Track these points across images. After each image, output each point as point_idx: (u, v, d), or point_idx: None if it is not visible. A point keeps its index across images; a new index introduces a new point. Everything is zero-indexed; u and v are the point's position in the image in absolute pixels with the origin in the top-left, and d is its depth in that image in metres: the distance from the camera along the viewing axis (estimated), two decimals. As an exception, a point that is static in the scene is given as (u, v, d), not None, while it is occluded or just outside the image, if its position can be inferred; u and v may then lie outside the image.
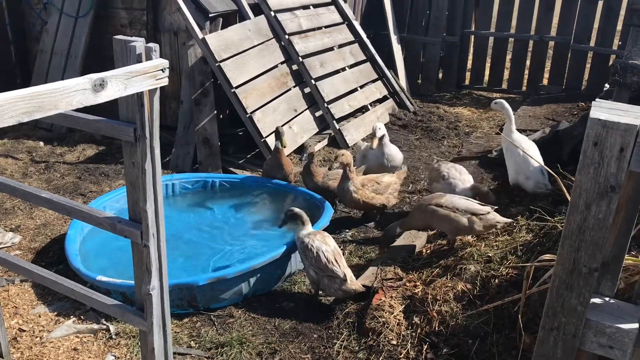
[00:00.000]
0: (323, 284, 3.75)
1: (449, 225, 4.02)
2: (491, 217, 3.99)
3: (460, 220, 3.96)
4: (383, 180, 4.93)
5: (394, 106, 8.03)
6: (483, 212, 3.99)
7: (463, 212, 3.97)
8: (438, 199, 4.12)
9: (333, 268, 3.67)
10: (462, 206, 4.01)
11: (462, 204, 4.03)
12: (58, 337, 3.55)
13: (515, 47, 9.14)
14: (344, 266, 3.76)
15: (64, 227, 4.85)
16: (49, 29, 7.23)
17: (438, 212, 4.02)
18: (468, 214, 3.97)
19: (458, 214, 3.97)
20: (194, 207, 5.16)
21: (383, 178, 4.96)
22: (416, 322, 3.46)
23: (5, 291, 3.98)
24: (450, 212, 3.98)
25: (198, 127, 6.06)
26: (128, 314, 2.36)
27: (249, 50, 6.35)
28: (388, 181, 4.95)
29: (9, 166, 6.10)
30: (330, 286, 3.71)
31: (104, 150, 6.62)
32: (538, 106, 8.19)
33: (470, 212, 3.97)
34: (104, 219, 2.25)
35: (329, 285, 3.71)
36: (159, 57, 1.98)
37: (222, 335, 3.58)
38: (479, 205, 4.07)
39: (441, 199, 4.11)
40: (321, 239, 3.82)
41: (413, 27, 9.41)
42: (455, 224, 3.98)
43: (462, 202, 4.07)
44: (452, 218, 3.97)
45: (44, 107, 1.60)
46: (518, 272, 3.48)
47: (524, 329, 2.97)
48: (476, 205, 4.06)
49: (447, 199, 4.09)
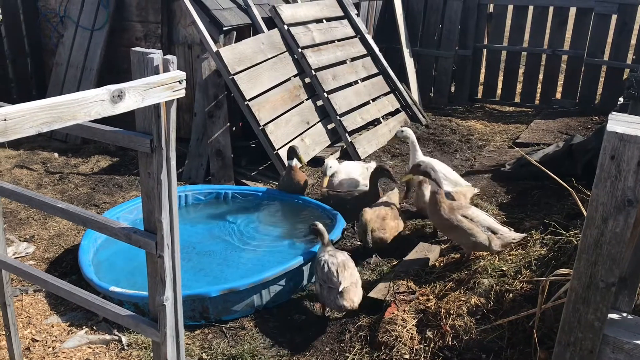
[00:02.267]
0: (323, 296, 3.73)
1: (467, 240, 3.98)
2: (508, 235, 3.99)
3: (480, 236, 3.93)
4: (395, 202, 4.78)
5: (406, 119, 8.03)
6: (502, 231, 3.98)
7: (485, 229, 3.94)
8: (465, 209, 4.05)
9: (332, 278, 3.66)
10: (485, 222, 3.99)
11: (485, 220, 4.01)
12: (70, 347, 3.56)
13: (528, 61, 9.13)
14: (344, 278, 3.69)
15: (77, 238, 4.88)
16: (65, 42, 7.32)
17: (463, 223, 3.95)
18: (489, 232, 3.95)
19: (480, 230, 3.94)
20: (207, 219, 5.17)
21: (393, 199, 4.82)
22: (429, 336, 3.43)
23: (19, 301, 4.00)
24: (475, 226, 3.94)
25: (211, 139, 6.09)
26: (142, 324, 2.36)
27: (262, 63, 6.39)
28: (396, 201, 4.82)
29: (24, 177, 6.16)
30: (329, 297, 3.69)
31: (118, 161, 6.66)
32: (551, 120, 8.16)
33: (491, 230, 3.96)
34: (119, 230, 2.26)
35: (328, 297, 3.69)
36: (176, 69, 2.00)
37: (234, 348, 3.57)
38: (499, 224, 4.07)
39: (468, 210, 4.05)
40: (332, 253, 3.82)
41: (425, 40, 9.43)
42: (474, 239, 3.94)
43: (486, 218, 4.05)
44: (474, 233, 3.93)
45: (63, 118, 1.62)
46: (532, 287, 3.45)
47: (539, 344, 2.94)
48: (497, 224, 4.06)
49: (474, 212, 4.05)
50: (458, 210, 4.01)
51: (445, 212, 3.98)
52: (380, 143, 7.25)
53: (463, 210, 4.03)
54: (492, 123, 8.50)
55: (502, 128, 8.27)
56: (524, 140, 7.33)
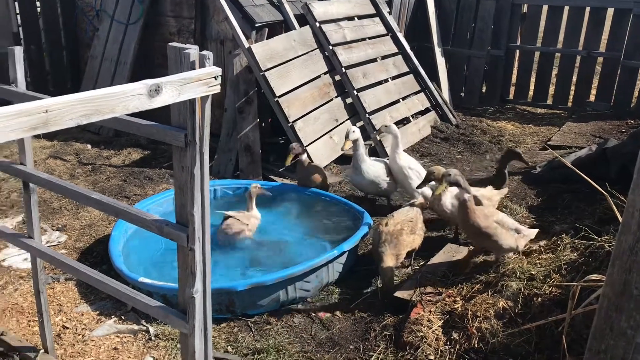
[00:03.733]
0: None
1: (500, 245, 3.91)
2: (528, 232, 4.04)
3: (510, 240, 3.91)
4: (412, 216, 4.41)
5: (436, 118, 7.98)
6: (524, 230, 3.99)
7: (513, 231, 3.94)
8: (495, 215, 4.00)
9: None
10: (513, 225, 3.98)
11: (511, 223, 4.00)
12: (99, 335, 3.63)
13: (561, 62, 8.97)
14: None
15: (108, 228, 4.96)
16: (100, 36, 7.45)
17: (498, 230, 3.88)
18: (515, 233, 3.95)
19: (510, 233, 3.92)
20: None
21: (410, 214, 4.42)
22: (455, 338, 3.41)
23: (51, 289, 4.09)
24: (506, 230, 3.91)
25: (240, 135, 6.13)
26: (171, 315, 2.40)
27: (293, 60, 6.41)
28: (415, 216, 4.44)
29: (57, 167, 6.29)
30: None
31: (149, 154, 6.76)
32: (584, 123, 8.02)
33: (517, 231, 3.96)
34: (151, 222, 2.29)
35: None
36: (212, 64, 2.02)
37: (259, 342, 3.60)
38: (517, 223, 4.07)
39: (498, 215, 4.02)
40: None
41: (457, 39, 9.34)
42: (507, 243, 3.91)
43: (510, 220, 4.04)
44: (508, 237, 3.91)
45: (101, 111, 1.65)
46: (562, 292, 3.40)
47: (568, 351, 2.90)
48: (519, 224, 4.06)
49: (500, 216, 4.01)
50: (491, 217, 3.96)
51: (481, 220, 3.88)
52: (409, 142, 7.21)
53: (496, 217, 3.98)
54: (524, 124, 8.39)
55: (534, 130, 8.15)
56: (555, 143, 7.21)
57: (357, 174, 5.26)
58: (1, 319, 3.76)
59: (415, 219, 4.41)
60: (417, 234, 4.38)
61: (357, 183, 5.36)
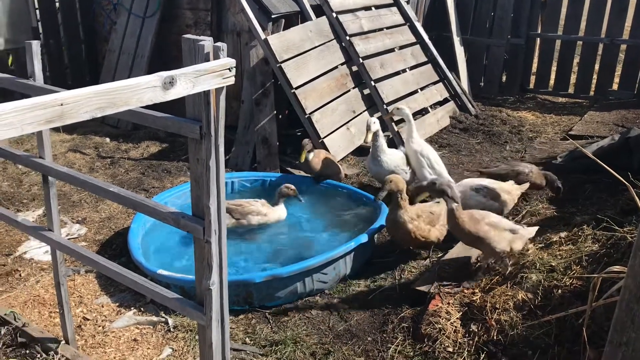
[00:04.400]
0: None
1: (493, 248, 3.77)
2: (525, 232, 3.86)
3: (504, 242, 3.76)
4: (435, 210, 4.41)
5: (454, 109, 7.90)
6: (520, 230, 3.84)
7: (509, 232, 3.79)
8: (487, 217, 3.83)
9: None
10: (508, 225, 3.83)
11: (508, 224, 3.85)
12: (119, 327, 3.66)
13: (583, 50, 8.83)
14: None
15: (127, 221, 5.00)
16: (117, 29, 7.49)
17: (490, 233, 3.74)
18: (510, 234, 3.79)
19: (504, 234, 3.77)
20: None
21: (433, 208, 4.45)
22: (474, 330, 3.38)
23: (71, 281, 4.14)
24: (499, 232, 3.76)
25: (258, 127, 6.14)
26: (188, 307, 2.41)
27: (309, 51, 6.38)
28: (438, 211, 4.42)
29: (77, 160, 6.35)
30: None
31: (167, 147, 6.79)
32: (607, 112, 7.88)
33: (512, 232, 3.81)
34: (168, 214, 2.30)
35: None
36: (226, 56, 2.01)
37: (277, 334, 3.61)
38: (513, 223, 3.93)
39: (491, 216, 3.85)
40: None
41: (476, 28, 9.23)
42: (498, 245, 3.75)
43: (505, 221, 3.90)
44: (501, 239, 3.75)
45: (116, 103, 1.65)
46: (583, 283, 3.35)
47: (589, 343, 2.85)
48: (513, 224, 3.90)
49: (493, 217, 3.86)
50: (483, 219, 3.80)
51: (469, 225, 3.75)
52: (427, 133, 7.16)
53: (487, 219, 3.82)
54: (544, 114, 8.27)
55: (555, 119, 8.04)
56: (577, 133, 7.10)
57: (377, 164, 5.23)
58: (23, 310, 3.81)
59: (438, 214, 4.36)
60: (436, 227, 4.31)
61: (376, 173, 5.34)
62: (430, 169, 5.22)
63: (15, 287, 4.09)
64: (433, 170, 5.21)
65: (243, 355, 3.41)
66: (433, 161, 5.27)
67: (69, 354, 3.25)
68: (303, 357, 3.40)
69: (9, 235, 4.79)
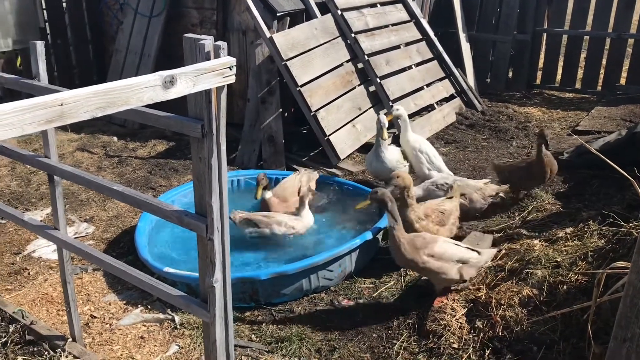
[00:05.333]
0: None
1: (437, 278, 3.60)
2: (479, 259, 3.63)
3: (450, 273, 3.54)
4: (446, 209, 4.28)
5: (461, 105, 7.88)
6: (473, 258, 3.61)
7: (455, 262, 3.56)
8: (431, 246, 3.55)
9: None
10: (455, 256, 3.56)
11: (456, 254, 3.58)
12: (126, 324, 3.69)
13: (590, 45, 8.77)
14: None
15: (134, 219, 5.03)
16: (124, 29, 7.52)
17: (429, 264, 3.52)
18: (459, 264, 3.56)
19: (449, 266, 3.54)
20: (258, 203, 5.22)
21: (445, 205, 4.31)
22: (479, 326, 3.38)
23: (79, 279, 4.18)
24: (444, 263, 3.53)
25: (263, 125, 6.15)
26: (192, 305, 2.43)
27: (315, 49, 6.38)
28: (450, 208, 4.31)
29: (85, 160, 6.39)
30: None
31: (174, 146, 6.82)
32: (614, 107, 7.83)
33: (461, 261, 3.58)
34: (171, 212, 2.32)
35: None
36: (227, 55, 2.02)
37: (282, 330, 3.62)
38: (470, 251, 3.65)
39: (435, 246, 3.56)
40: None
41: (482, 24, 9.20)
42: (444, 277, 3.56)
43: (455, 250, 3.60)
44: (444, 271, 3.54)
45: (115, 103, 1.67)
46: (588, 279, 3.34)
47: (594, 339, 2.85)
48: (468, 252, 3.63)
49: (441, 246, 3.58)
50: (422, 249, 3.53)
51: (407, 251, 3.52)
52: (433, 130, 7.15)
53: (429, 249, 3.54)
54: (551, 110, 8.24)
55: (561, 115, 8.00)
56: (584, 128, 7.06)
57: (379, 161, 5.23)
58: (32, 308, 3.85)
59: (449, 212, 4.28)
60: (445, 227, 4.23)
61: (375, 169, 5.32)
62: (429, 164, 5.25)
63: (24, 286, 4.13)
64: (432, 164, 5.24)
65: (249, 352, 3.43)
66: (431, 155, 5.32)
67: (76, 351, 3.28)
68: (309, 354, 3.41)
69: (18, 234, 4.84)
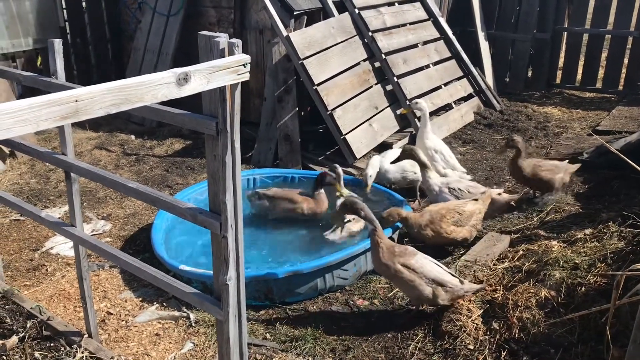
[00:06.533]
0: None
1: (410, 291, 3.52)
2: (459, 287, 3.47)
3: (423, 290, 3.44)
4: (465, 210, 4.28)
5: (479, 104, 7.81)
6: (451, 284, 3.46)
7: (430, 281, 3.44)
8: (408, 257, 3.50)
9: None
10: (430, 274, 3.45)
11: (432, 272, 3.46)
12: (142, 321, 3.71)
13: (612, 44, 8.64)
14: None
15: (151, 217, 5.06)
16: (142, 28, 7.57)
17: (402, 273, 3.46)
18: (434, 284, 3.44)
19: (423, 283, 3.44)
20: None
21: (465, 207, 4.31)
22: (495, 327, 3.35)
23: (96, 276, 4.21)
24: (416, 277, 3.44)
25: (280, 124, 6.15)
26: (206, 302, 2.43)
27: (331, 48, 6.37)
28: (471, 210, 4.30)
29: (103, 157, 6.45)
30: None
31: (191, 144, 6.85)
32: (635, 107, 7.71)
33: (437, 283, 3.44)
34: (186, 210, 2.32)
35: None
36: (241, 52, 2.02)
37: (297, 329, 3.61)
38: (451, 276, 3.51)
39: (412, 258, 3.49)
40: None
41: (501, 23, 9.11)
42: (417, 292, 3.47)
43: (432, 268, 3.50)
44: (416, 285, 3.44)
45: (130, 100, 1.67)
46: (607, 281, 3.29)
47: (613, 342, 2.80)
48: (447, 276, 3.49)
49: (418, 260, 3.50)
50: (399, 257, 3.48)
51: (384, 256, 3.47)
52: (451, 129, 7.09)
53: (405, 259, 3.48)
54: (571, 109, 8.13)
55: (582, 115, 7.89)
56: (604, 128, 6.97)
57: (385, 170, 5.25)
58: (49, 304, 3.89)
59: (469, 214, 4.27)
60: (464, 228, 4.24)
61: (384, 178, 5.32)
62: (444, 162, 5.24)
63: (42, 282, 4.17)
64: (447, 163, 5.23)
65: (263, 351, 3.43)
66: (447, 155, 5.32)
67: (91, 347, 3.30)
68: (323, 353, 3.40)
69: (37, 230, 4.89)
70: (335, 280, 3.97)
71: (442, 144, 5.42)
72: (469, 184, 4.83)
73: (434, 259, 3.62)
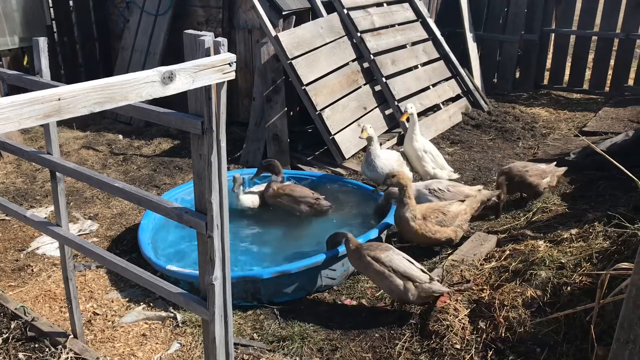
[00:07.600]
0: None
1: (381, 282, 3.64)
2: (427, 286, 3.55)
3: (394, 282, 3.55)
4: (450, 210, 4.34)
5: (467, 105, 7.85)
6: (420, 280, 3.55)
7: (400, 275, 3.55)
8: (379, 251, 3.65)
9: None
10: (400, 268, 3.57)
11: (400, 266, 3.58)
12: (129, 322, 3.69)
13: (598, 46, 8.71)
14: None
15: (138, 217, 5.04)
16: (130, 27, 7.54)
17: (373, 266, 3.61)
18: (404, 279, 3.55)
19: (393, 275, 3.55)
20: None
21: (450, 207, 4.37)
22: (482, 327, 3.36)
23: (82, 276, 4.18)
24: (386, 270, 3.57)
25: (269, 124, 6.14)
26: (192, 302, 2.42)
27: (320, 48, 6.37)
28: (456, 210, 4.35)
29: (90, 157, 6.41)
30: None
31: (179, 144, 6.83)
32: (622, 108, 7.78)
33: (406, 277, 3.55)
34: (171, 209, 2.31)
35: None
36: (227, 51, 2.01)
37: (284, 329, 3.61)
38: (420, 272, 3.60)
39: (382, 253, 3.63)
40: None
41: (490, 24, 9.16)
42: (388, 283, 3.58)
43: (402, 263, 3.60)
44: (387, 277, 3.56)
45: (114, 98, 1.66)
46: (592, 281, 3.31)
47: (597, 341, 2.82)
48: (416, 271, 3.59)
49: (389, 255, 3.63)
50: (369, 251, 3.66)
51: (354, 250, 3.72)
52: (439, 130, 7.12)
53: (376, 252, 3.64)
54: (558, 110, 8.19)
55: (569, 116, 7.95)
56: (591, 129, 7.02)
57: (372, 169, 5.17)
58: (35, 305, 3.86)
59: (454, 214, 4.31)
60: (449, 228, 4.28)
61: (373, 178, 5.31)
62: (433, 162, 5.29)
63: (27, 282, 4.14)
64: (435, 163, 5.28)
65: (250, 351, 3.42)
66: (435, 155, 5.37)
67: (77, 348, 3.28)
68: (310, 353, 3.40)
69: (22, 230, 4.85)
70: (323, 280, 3.97)
71: (430, 144, 5.45)
72: (448, 183, 4.85)
73: (410, 257, 3.69)
